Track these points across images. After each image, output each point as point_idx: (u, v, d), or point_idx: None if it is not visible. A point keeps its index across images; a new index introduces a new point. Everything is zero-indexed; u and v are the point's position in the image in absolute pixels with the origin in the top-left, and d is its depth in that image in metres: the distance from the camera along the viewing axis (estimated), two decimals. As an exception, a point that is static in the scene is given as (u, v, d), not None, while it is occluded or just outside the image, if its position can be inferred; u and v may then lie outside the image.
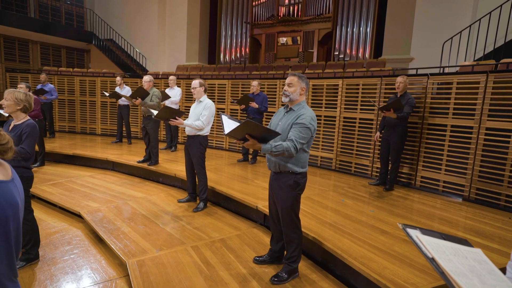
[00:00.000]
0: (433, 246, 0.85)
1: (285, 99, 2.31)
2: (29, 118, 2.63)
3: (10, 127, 2.56)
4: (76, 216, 3.82)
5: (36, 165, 5.62)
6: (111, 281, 2.53)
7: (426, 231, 0.90)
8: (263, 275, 2.50)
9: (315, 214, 3.30)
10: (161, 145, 6.55)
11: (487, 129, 3.85)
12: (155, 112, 3.88)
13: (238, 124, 2.14)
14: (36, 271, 2.62)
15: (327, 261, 2.70)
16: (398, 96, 4.20)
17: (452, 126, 4.15)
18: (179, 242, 3.03)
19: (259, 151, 2.25)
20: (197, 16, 11.03)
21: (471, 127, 3.97)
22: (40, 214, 3.83)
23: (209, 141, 6.93)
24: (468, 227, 3.12)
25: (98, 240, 3.24)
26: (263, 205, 3.42)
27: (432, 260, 0.81)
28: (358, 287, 2.37)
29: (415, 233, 0.89)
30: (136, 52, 11.70)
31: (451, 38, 6.05)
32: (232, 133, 2.16)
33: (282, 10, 9.86)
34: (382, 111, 4.03)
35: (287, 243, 2.42)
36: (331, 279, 2.49)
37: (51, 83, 7.94)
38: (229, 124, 2.33)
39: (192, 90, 3.80)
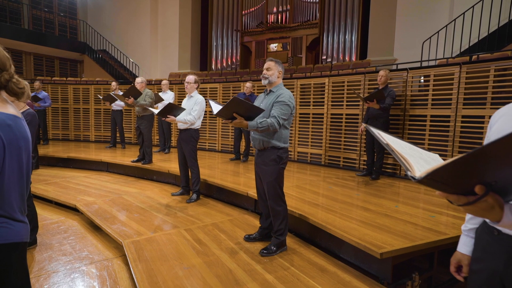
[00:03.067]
0: (390, 139, 0.86)
1: (264, 82, 2.53)
2: (28, 107, 2.77)
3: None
4: (72, 210, 3.91)
5: (30, 168, 5.68)
6: (107, 261, 2.63)
7: (391, 134, 0.92)
8: (252, 249, 2.64)
9: (304, 198, 3.45)
10: (155, 148, 6.67)
11: (463, 116, 4.09)
12: (155, 111, 4.04)
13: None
14: (34, 254, 2.71)
15: (313, 236, 2.84)
16: (380, 88, 4.44)
17: (432, 116, 4.39)
18: (173, 226, 3.15)
19: (247, 129, 2.42)
20: (189, 26, 11.34)
21: (449, 116, 4.21)
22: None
23: (201, 143, 7.13)
24: (452, 207, 3.29)
25: (94, 228, 3.34)
26: (254, 192, 3.56)
27: (387, 146, 0.83)
28: (342, 255, 2.52)
29: (377, 131, 0.90)
30: (129, 62, 11.91)
31: (430, 38, 6.38)
32: (220, 112, 2.35)
33: (271, 18, 10.21)
34: (366, 102, 4.25)
35: (274, 217, 2.57)
36: (317, 251, 2.63)
37: (45, 92, 8.05)
38: (217, 107, 2.54)
39: (186, 84, 3.96)
